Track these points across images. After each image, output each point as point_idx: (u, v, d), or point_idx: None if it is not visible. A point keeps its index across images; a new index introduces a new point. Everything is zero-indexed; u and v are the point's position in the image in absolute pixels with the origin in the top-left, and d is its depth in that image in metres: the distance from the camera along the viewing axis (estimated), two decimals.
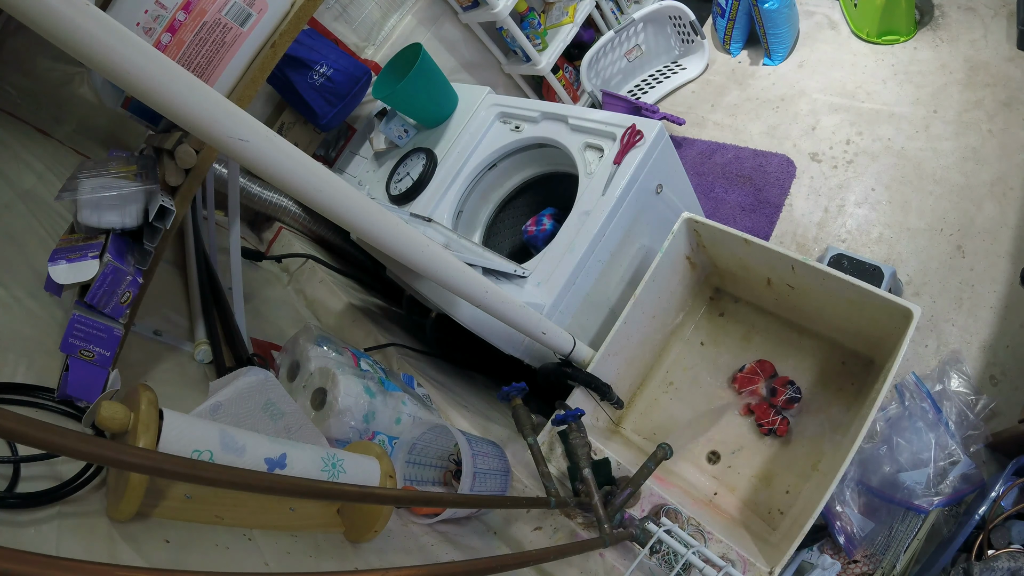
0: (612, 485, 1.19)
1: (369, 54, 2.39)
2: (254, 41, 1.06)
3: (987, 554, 1.16)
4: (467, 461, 1.03)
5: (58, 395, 0.83)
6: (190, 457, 0.64)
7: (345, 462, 0.84)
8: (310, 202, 0.76)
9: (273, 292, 1.88)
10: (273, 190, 2.14)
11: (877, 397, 1.03)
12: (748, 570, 1.00)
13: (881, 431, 1.46)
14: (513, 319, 1.13)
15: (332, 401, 1.08)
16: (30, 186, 1.34)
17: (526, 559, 0.75)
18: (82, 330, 0.87)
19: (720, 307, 1.59)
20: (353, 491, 0.67)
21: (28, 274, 1.03)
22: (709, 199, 2.33)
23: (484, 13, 2.36)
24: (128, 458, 0.45)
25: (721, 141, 2.48)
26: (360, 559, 0.85)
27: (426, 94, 1.87)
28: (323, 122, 2.07)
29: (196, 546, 0.69)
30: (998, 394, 1.54)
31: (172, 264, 1.54)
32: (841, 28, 2.47)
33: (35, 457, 0.66)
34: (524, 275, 1.44)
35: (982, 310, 1.69)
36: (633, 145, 1.46)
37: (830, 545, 1.40)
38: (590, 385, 1.32)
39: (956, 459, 1.39)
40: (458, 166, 1.80)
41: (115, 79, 0.58)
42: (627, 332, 1.39)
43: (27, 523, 0.59)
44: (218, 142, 0.66)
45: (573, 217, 1.48)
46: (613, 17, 2.75)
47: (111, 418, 0.62)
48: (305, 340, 1.23)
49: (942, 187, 1.94)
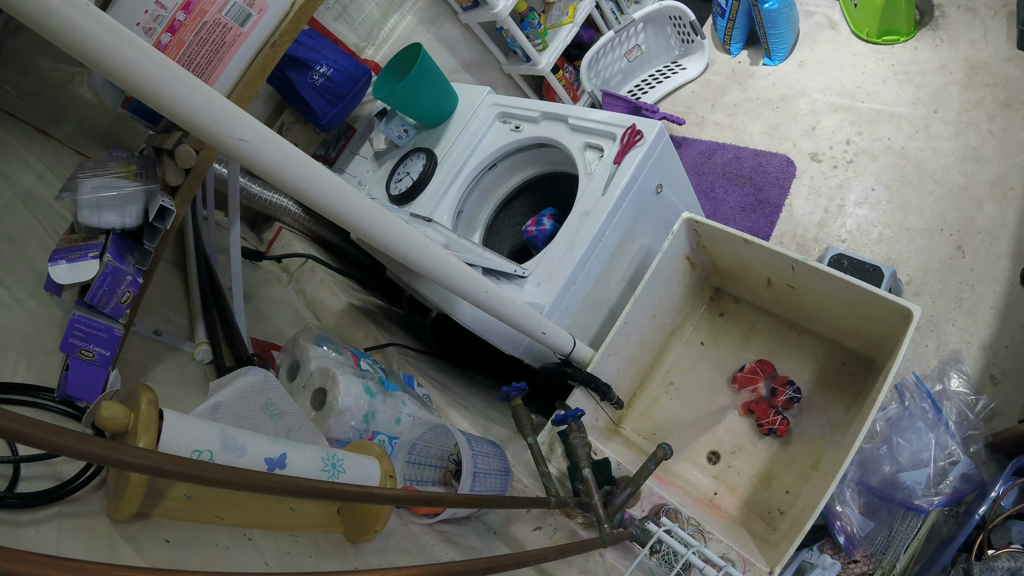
0: (612, 485, 1.19)
1: (369, 54, 2.39)
2: (254, 41, 1.06)
3: (987, 554, 1.16)
4: (467, 461, 1.03)
5: (58, 395, 0.83)
6: (190, 457, 0.64)
7: (345, 462, 0.84)
8: (310, 202, 0.76)
9: (273, 292, 1.88)
10: (273, 190, 2.14)
11: (877, 397, 1.03)
12: (748, 570, 1.00)
13: (881, 431, 1.46)
14: (513, 319, 1.13)
15: (332, 401, 1.08)
16: (30, 186, 1.34)
17: (526, 559, 0.75)
18: (82, 330, 0.87)
19: (720, 307, 1.59)
20: (353, 491, 0.67)
21: (28, 274, 1.03)
22: (709, 199, 2.33)
23: (484, 13, 2.36)
24: (128, 458, 0.45)
25: (721, 141, 2.48)
26: (360, 559, 0.85)
27: (426, 94, 1.87)
28: (323, 122, 2.07)
29: (196, 546, 0.69)
30: (998, 394, 1.54)
31: (172, 264, 1.54)
32: (841, 28, 2.47)
33: (35, 457, 0.66)
34: (524, 275, 1.44)
35: (982, 310, 1.69)
36: (633, 145, 1.46)
37: (830, 545, 1.40)
38: (590, 385, 1.32)
39: (956, 459, 1.39)
40: (458, 166, 1.80)
41: (115, 79, 0.58)
42: (627, 332, 1.39)
43: (27, 523, 0.59)
44: (218, 142, 0.66)
45: (573, 217, 1.48)
46: (613, 17, 2.75)
47: (111, 418, 0.62)
48: (305, 340, 1.23)
49: (942, 187, 1.95)
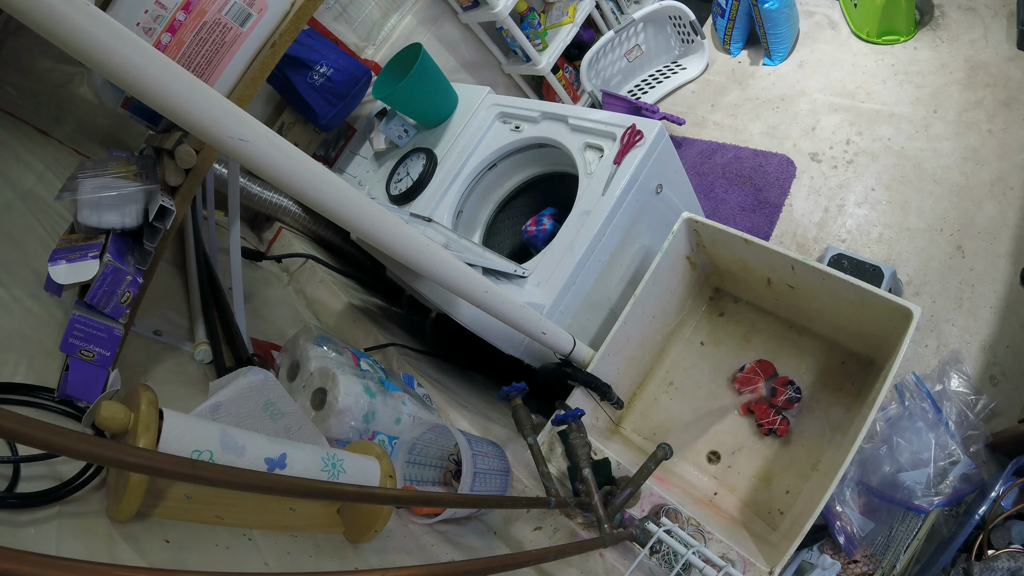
0: (612, 485, 1.19)
1: (369, 54, 2.39)
2: (254, 41, 1.06)
3: (987, 554, 1.16)
4: (467, 461, 1.03)
5: (58, 395, 0.83)
6: (190, 457, 0.64)
7: (345, 462, 0.84)
8: (310, 202, 0.76)
9: (273, 292, 1.88)
10: (273, 190, 2.14)
11: (877, 397, 1.03)
12: (748, 570, 1.00)
13: (881, 431, 1.46)
14: (513, 319, 1.13)
15: (332, 401, 1.08)
16: (30, 186, 1.34)
17: (526, 559, 0.75)
18: (82, 330, 0.87)
19: (720, 307, 1.59)
20: (353, 491, 0.67)
21: (28, 274, 1.03)
22: (709, 199, 2.33)
23: (484, 13, 2.36)
24: (128, 458, 0.45)
25: (721, 141, 2.48)
26: (360, 559, 0.85)
27: (426, 94, 1.87)
28: (323, 122, 2.07)
29: (196, 546, 0.69)
30: (998, 394, 1.54)
31: (172, 264, 1.53)
32: (841, 28, 2.47)
33: (35, 457, 0.66)
34: (524, 275, 1.44)
35: (982, 310, 1.69)
36: (633, 145, 1.46)
37: (830, 545, 1.40)
38: (590, 385, 1.32)
39: (956, 459, 1.39)
40: (458, 166, 1.79)
41: (115, 79, 0.58)
42: (627, 332, 1.39)
43: (27, 523, 0.59)
44: (218, 142, 0.66)
45: (573, 217, 1.48)
46: (613, 17, 2.75)
47: (111, 418, 0.62)
48: (305, 340, 1.23)
49: (942, 187, 1.94)
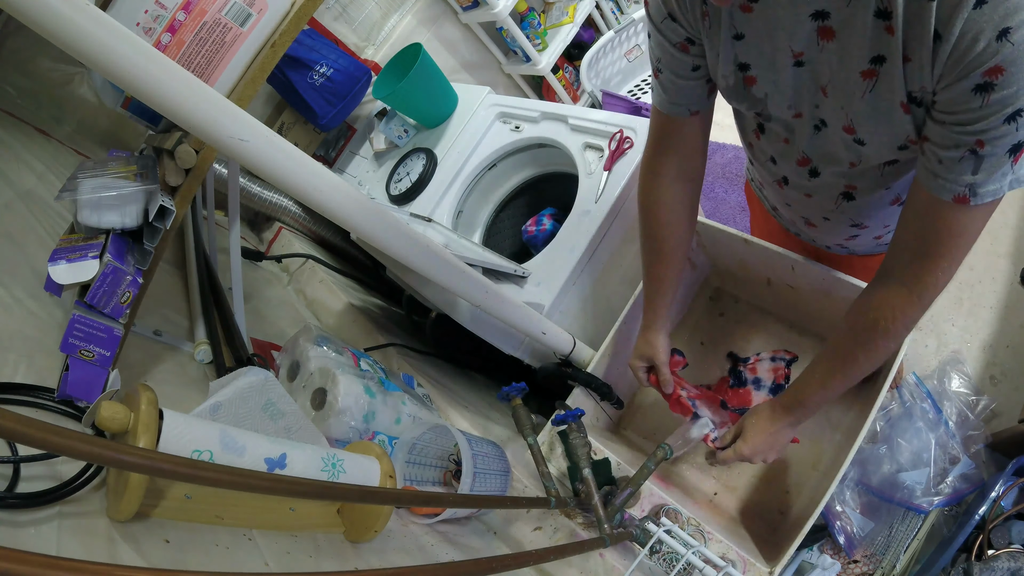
0: (612, 485, 1.19)
1: (369, 54, 2.39)
2: (254, 41, 1.06)
3: (987, 554, 1.16)
4: (467, 461, 1.03)
5: (58, 395, 0.83)
6: (190, 457, 0.64)
7: (345, 462, 0.84)
8: (310, 202, 0.76)
9: (273, 292, 1.88)
10: (273, 190, 2.14)
11: (877, 397, 1.03)
12: (748, 570, 1.00)
13: (881, 431, 1.46)
14: (513, 319, 1.13)
15: (332, 401, 1.08)
16: (30, 186, 1.34)
17: (526, 559, 0.74)
18: (82, 330, 0.87)
19: (720, 307, 1.59)
20: (353, 491, 0.67)
21: (28, 274, 1.03)
22: (709, 199, 2.33)
23: (484, 13, 2.36)
24: (128, 458, 0.45)
25: (721, 141, 2.48)
26: (360, 559, 0.85)
27: (426, 94, 1.87)
28: (323, 122, 2.07)
29: (196, 546, 0.69)
30: (998, 394, 1.54)
31: (172, 264, 1.54)
32: None
33: (35, 457, 0.66)
34: (524, 275, 1.44)
35: (982, 310, 1.69)
36: (623, 152, 1.47)
37: (830, 545, 1.40)
38: (590, 385, 1.32)
39: (956, 459, 1.39)
40: (458, 166, 1.79)
41: (115, 79, 0.58)
42: (627, 332, 1.39)
43: (27, 523, 0.59)
44: (218, 142, 0.66)
45: (573, 217, 1.48)
46: (613, 17, 2.76)
47: (111, 418, 0.62)
48: (305, 340, 1.23)
49: None
